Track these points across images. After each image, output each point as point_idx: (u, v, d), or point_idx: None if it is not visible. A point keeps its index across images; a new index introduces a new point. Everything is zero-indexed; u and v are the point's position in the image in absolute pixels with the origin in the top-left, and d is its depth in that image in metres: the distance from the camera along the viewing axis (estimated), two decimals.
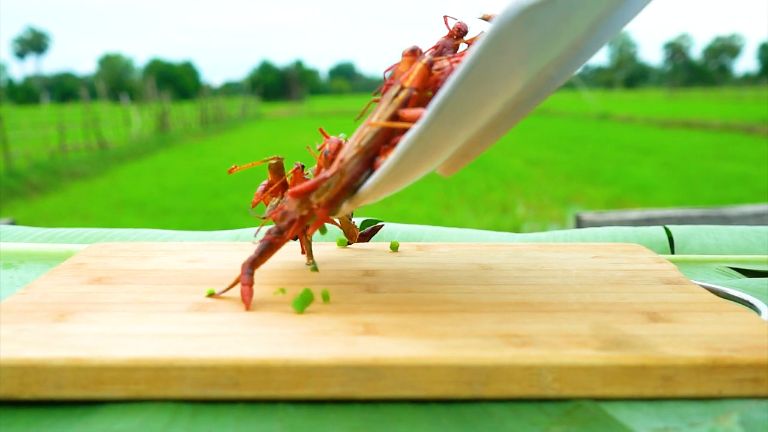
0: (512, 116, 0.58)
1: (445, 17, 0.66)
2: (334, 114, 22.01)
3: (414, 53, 0.61)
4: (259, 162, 0.70)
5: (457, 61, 0.60)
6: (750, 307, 0.67)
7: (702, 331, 0.54)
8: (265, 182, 0.72)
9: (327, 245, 0.83)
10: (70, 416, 0.47)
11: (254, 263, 0.61)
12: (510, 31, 0.43)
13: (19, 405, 0.48)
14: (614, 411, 0.48)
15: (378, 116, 0.57)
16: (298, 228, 0.59)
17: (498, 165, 7.59)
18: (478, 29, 0.67)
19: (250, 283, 0.60)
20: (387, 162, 0.53)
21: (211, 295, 0.63)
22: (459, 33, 0.66)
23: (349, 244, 0.81)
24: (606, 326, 0.56)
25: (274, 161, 0.69)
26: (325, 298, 0.60)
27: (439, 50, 0.66)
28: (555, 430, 0.45)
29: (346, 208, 0.59)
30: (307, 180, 0.66)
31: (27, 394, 0.48)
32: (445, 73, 0.58)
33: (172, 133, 13.25)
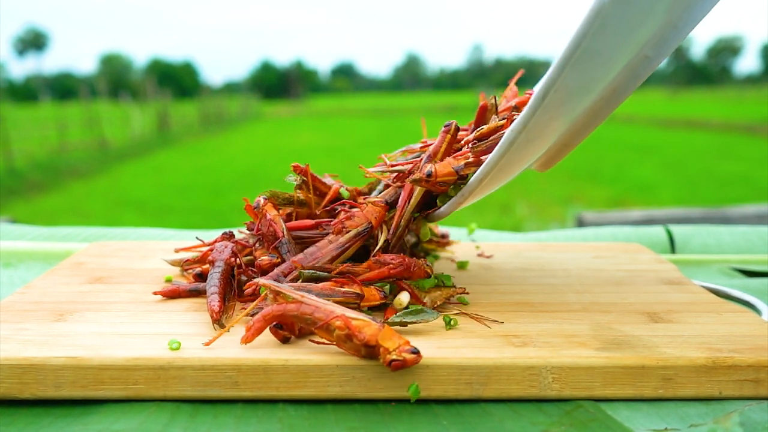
0: (611, 100, 0.58)
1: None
2: (335, 113, 22.00)
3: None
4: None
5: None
6: (751, 308, 0.67)
7: (702, 332, 0.54)
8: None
9: None
10: (69, 416, 0.47)
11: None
12: (609, 8, 0.44)
13: (19, 404, 0.48)
14: (614, 411, 0.48)
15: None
16: None
17: None
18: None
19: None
20: (493, 153, 0.53)
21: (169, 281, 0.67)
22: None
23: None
24: (606, 326, 0.56)
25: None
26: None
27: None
28: (555, 431, 0.45)
29: (454, 205, 0.59)
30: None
31: (26, 393, 0.48)
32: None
33: (172, 132, 13.25)
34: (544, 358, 0.49)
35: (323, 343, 0.49)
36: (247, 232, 0.70)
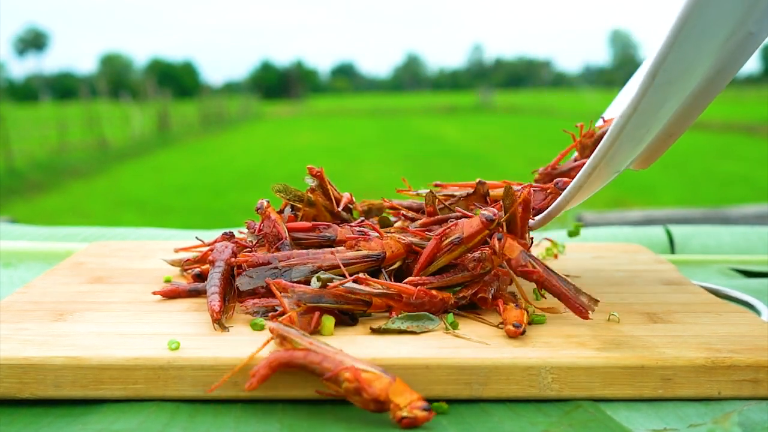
0: (717, 81, 0.56)
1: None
2: (335, 113, 21.99)
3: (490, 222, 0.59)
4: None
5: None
6: (750, 308, 0.67)
7: (701, 332, 0.54)
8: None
9: None
10: (69, 415, 0.47)
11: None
12: None
13: (19, 404, 0.48)
14: (613, 412, 0.48)
15: None
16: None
17: (499, 165, 7.60)
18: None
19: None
20: (601, 146, 0.51)
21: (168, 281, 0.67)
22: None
23: None
24: (605, 327, 0.56)
25: None
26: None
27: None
28: (554, 431, 0.45)
29: (556, 210, 0.58)
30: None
31: (26, 393, 0.48)
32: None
33: (172, 132, 13.24)
34: (544, 359, 0.49)
35: (330, 394, 0.47)
36: (247, 232, 0.70)
